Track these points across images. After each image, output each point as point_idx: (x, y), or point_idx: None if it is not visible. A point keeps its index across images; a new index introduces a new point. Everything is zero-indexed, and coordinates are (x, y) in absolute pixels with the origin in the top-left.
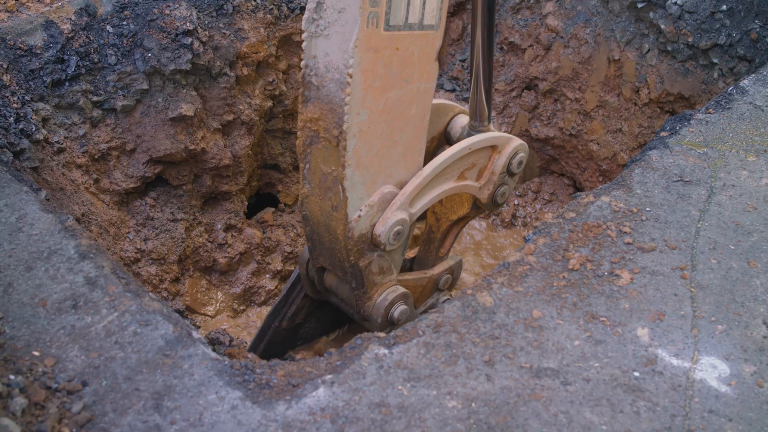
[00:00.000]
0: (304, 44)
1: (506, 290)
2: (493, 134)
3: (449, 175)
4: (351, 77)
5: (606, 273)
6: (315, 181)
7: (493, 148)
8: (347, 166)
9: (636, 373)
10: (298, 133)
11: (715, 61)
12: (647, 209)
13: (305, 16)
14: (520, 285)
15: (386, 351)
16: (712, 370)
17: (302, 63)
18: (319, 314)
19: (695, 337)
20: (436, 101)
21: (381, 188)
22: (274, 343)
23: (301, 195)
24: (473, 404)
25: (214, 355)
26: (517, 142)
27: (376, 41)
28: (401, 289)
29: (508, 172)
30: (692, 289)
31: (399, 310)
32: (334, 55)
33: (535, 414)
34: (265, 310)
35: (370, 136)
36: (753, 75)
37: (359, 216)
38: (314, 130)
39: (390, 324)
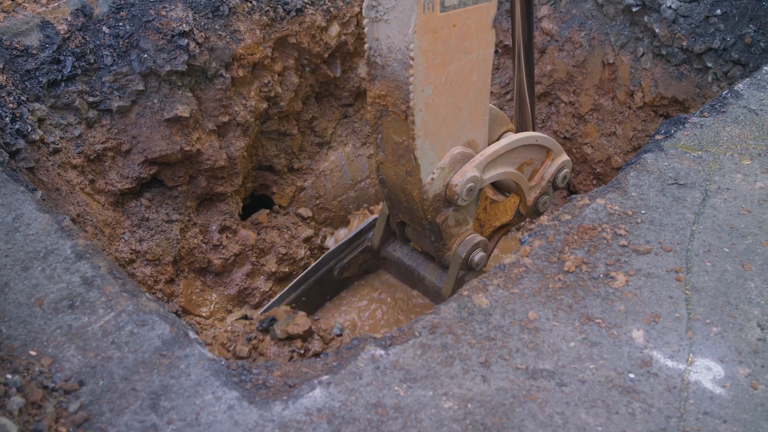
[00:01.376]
0: (366, 29)
1: (502, 292)
2: (551, 139)
3: (513, 161)
4: (413, 60)
5: (601, 275)
6: (388, 149)
7: (548, 153)
8: (417, 137)
9: (631, 375)
10: (369, 107)
11: (710, 65)
12: (642, 212)
13: (365, 3)
14: (516, 287)
15: (382, 352)
16: (706, 372)
17: (366, 45)
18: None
19: (690, 339)
20: (494, 109)
21: (450, 150)
22: (314, 292)
23: (376, 161)
24: (469, 405)
25: (210, 355)
26: (566, 157)
27: (433, 23)
28: (479, 237)
29: (553, 183)
30: (687, 292)
31: (478, 256)
32: (395, 38)
33: (530, 415)
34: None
35: (435, 108)
36: (747, 79)
37: (432, 179)
38: (383, 105)
39: (469, 270)
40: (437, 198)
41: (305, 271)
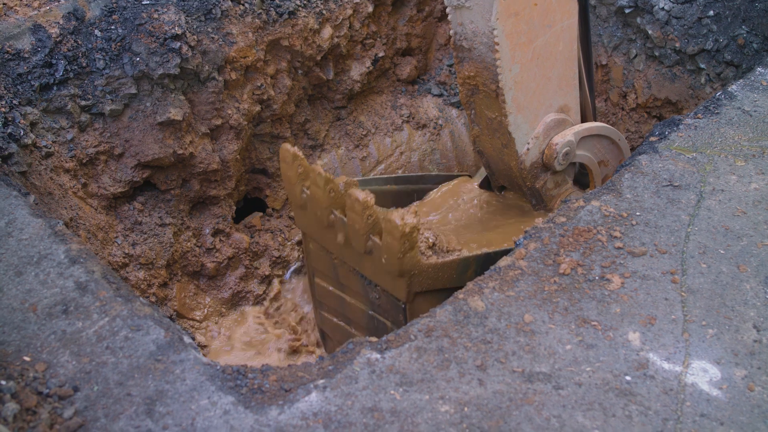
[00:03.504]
0: (449, 16)
1: (498, 295)
2: (629, 152)
3: (596, 152)
4: (498, 44)
5: (597, 277)
6: (483, 124)
7: (621, 161)
8: (509, 114)
9: (628, 377)
10: (459, 87)
11: (703, 66)
12: (637, 214)
13: None
14: (512, 289)
15: (378, 356)
16: (703, 374)
17: (450, 31)
18: None
19: (686, 341)
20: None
21: (544, 119)
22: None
23: (472, 135)
24: (466, 409)
25: (205, 360)
26: None
27: (515, 6)
28: (578, 195)
29: None
30: (683, 294)
31: None
32: (478, 23)
33: (527, 418)
34: (256, 309)
35: (524, 84)
36: (741, 80)
37: (528, 149)
38: (473, 84)
39: None
40: (534, 165)
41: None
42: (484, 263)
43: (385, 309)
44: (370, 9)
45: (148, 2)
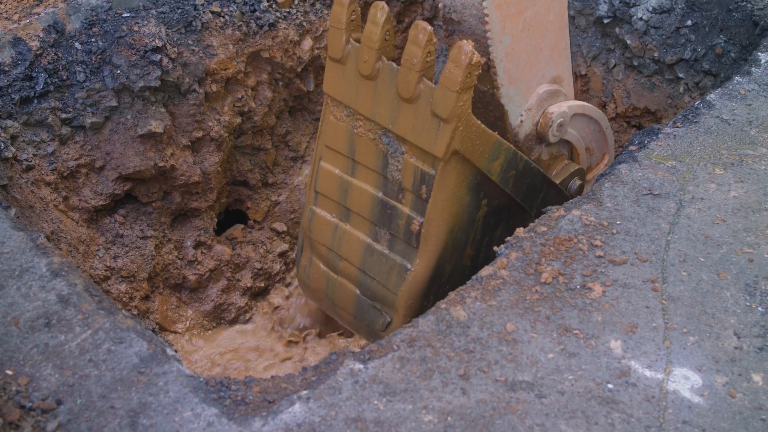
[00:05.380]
0: None
1: (480, 304)
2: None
3: (585, 135)
4: (488, 16)
5: (578, 286)
6: (475, 98)
7: (605, 155)
8: (501, 86)
9: (610, 385)
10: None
11: (681, 75)
12: (618, 222)
13: None
14: (494, 299)
15: (361, 366)
16: (684, 381)
17: (440, 4)
18: None
19: (668, 348)
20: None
21: (536, 90)
22: None
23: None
24: (449, 418)
25: (189, 372)
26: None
27: None
28: (575, 166)
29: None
30: (663, 301)
31: (576, 185)
32: None
33: (510, 427)
34: (238, 329)
35: (516, 55)
36: (719, 89)
37: (521, 121)
38: None
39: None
40: (528, 138)
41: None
42: (511, 163)
43: (404, 186)
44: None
45: (128, 15)
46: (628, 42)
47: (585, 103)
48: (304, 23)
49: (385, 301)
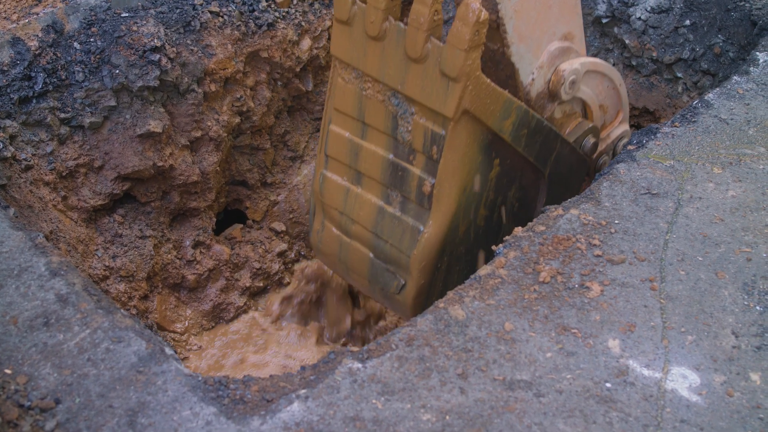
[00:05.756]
0: None
1: (478, 303)
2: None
3: (598, 93)
4: None
5: (576, 285)
6: (486, 56)
7: (619, 113)
8: (511, 44)
9: (608, 384)
10: None
11: (680, 75)
12: (616, 222)
13: None
14: (492, 298)
15: (360, 365)
16: (682, 380)
17: None
18: None
19: (666, 347)
20: None
21: (547, 48)
22: None
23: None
24: (447, 417)
25: (187, 371)
26: (628, 127)
27: None
28: (587, 125)
29: (614, 148)
30: (662, 301)
31: (590, 143)
32: None
33: (509, 426)
34: (235, 326)
35: (525, 12)
36: (717, 89)
37: (533, 80)
38: None
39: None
40: (540, 96)
41: None
42: (523, 121)
43: (414, 147)
44: None
45: (127, 15)
46: (627, 42)
47: (598, 60)
48: (303, 23)
49: (398, 264)
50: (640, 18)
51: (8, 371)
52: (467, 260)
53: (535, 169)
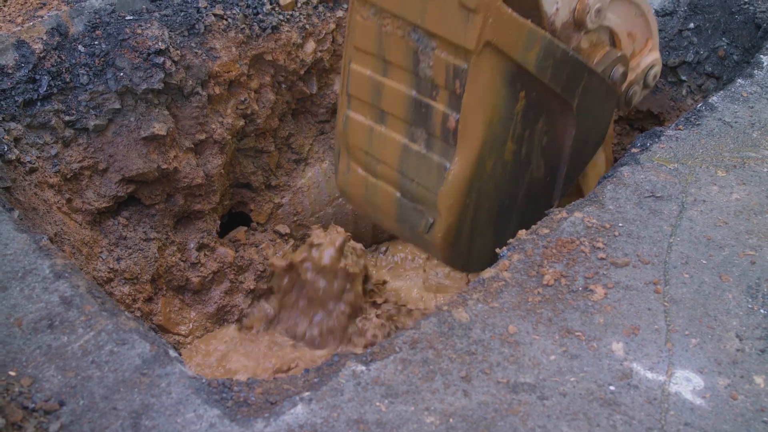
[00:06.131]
0: None
1: (482, 306)
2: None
3: (626, 20)
4: None
5: (580, 288)
6: None
7: (648, 41)
8: None
9: (612, 387)
10: None
11: (684, 78)
12: (620, 225)
13: None
14: (496, 301)
15: (363, 368)
16: (686, 383)
17: None
18: None
19: (669, 350)
20: None
21: None
22: None
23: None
24: (451, 420)
25: (191, 373)
26: (659, 55)
27: None
28: (615, 54)
29: (645, 78)
30: (666, 304)
31: (619, 72)
32: None
33: (512, 429)
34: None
35: None
36: (722, 92)
37: (557, 9)
38: None
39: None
40: (566, 26)
41: None
42: (548, 52)
43: (437, 83)
44: None
45: (131, 18)
46: None
47: None
48: (307, 26)
49: (426, 203)
50: None
51: (12, 373)
52: (496, 197)
53: (563, 101)
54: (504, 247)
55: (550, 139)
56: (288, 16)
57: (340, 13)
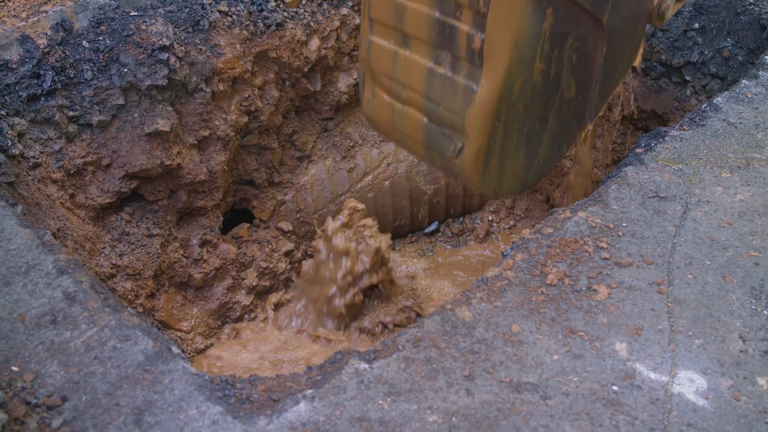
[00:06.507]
0: None
1: (485, 305)
2: None
3: None
4: None
5: (584, 288)
6: None
7: None
8: None
9: (615, 387)
10: None
11: (688, 78)
12: (624, 225)
13: None
14: (499, 300)
15: (366, 366)
16: (689, 384)
17: None
18: None
19: (673, 351)
20: None
21: None
22: None
23: None
24: (454, 418)
25: (194, 370)
26: None
27: None
28: None
29: None
30: (669, 304)
31: (663, 5)
32: None
33: (515, 428)
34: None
35: None
36: (726, 92)
37: None
38: None
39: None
40: None
41: None
42: None
43: (460, 1)
44: (358, 21)
45: (135, 14)
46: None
47: None
48: (312, 23)
49: (454, 127)
50: None
51: (15, 369)
52: (526, 118)
53: (593, 17)
54: (507, 247)
55: (580, 57)
56: (292, 13)
57: (344, 11)
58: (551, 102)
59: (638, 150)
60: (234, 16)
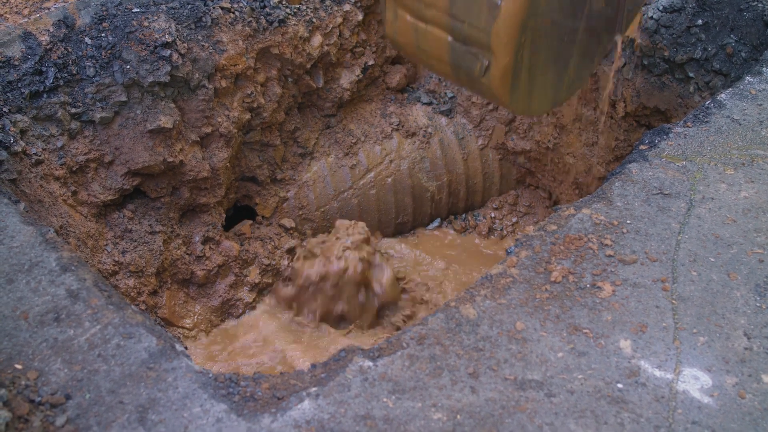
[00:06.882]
0: None
1: (489, 302)
2: None
3: None
4: None
5: (588, 285)
6: None
7: None
8: None
9: (619, 385)
10: None
11: (691, 75)
12: (628, 222)
13: None
14: (503, 297)
15: (371, 363)
16: (694, 382)
17: None
18: None
19: (677, 348)
20: None
21: None
22: None
23: None
24: (458, 416)
25: (198, 367)
26: None
27: None
28: None
29: None
30: (673, 301)
31: None
32: None
33: (520, 426)
34: (239, 321)
35: None
36: (730, 89)
37: None
38: None
39: None
40: None
41: None
42: None
43: None
44: (360, 17)
45: (138, 10)
46: (639, 41)
47: None
48: (314, 20)
49: (479, 44)
50: (652, 17)
51: (19, 366)
52: (554, 33)
53: None
54: (512, 244)
55: None
56: (295, 10)
57: (347, 7)
58: (579, 15)
59: (642, 147)
60: (236, 13)
